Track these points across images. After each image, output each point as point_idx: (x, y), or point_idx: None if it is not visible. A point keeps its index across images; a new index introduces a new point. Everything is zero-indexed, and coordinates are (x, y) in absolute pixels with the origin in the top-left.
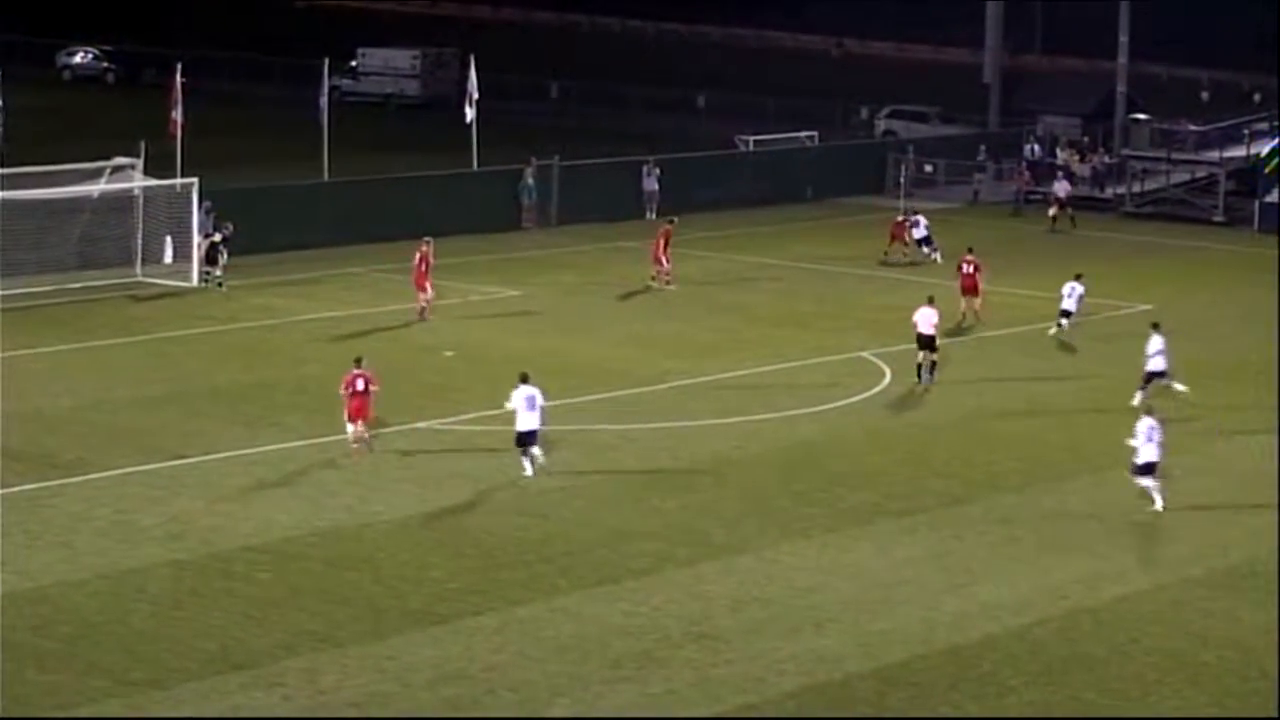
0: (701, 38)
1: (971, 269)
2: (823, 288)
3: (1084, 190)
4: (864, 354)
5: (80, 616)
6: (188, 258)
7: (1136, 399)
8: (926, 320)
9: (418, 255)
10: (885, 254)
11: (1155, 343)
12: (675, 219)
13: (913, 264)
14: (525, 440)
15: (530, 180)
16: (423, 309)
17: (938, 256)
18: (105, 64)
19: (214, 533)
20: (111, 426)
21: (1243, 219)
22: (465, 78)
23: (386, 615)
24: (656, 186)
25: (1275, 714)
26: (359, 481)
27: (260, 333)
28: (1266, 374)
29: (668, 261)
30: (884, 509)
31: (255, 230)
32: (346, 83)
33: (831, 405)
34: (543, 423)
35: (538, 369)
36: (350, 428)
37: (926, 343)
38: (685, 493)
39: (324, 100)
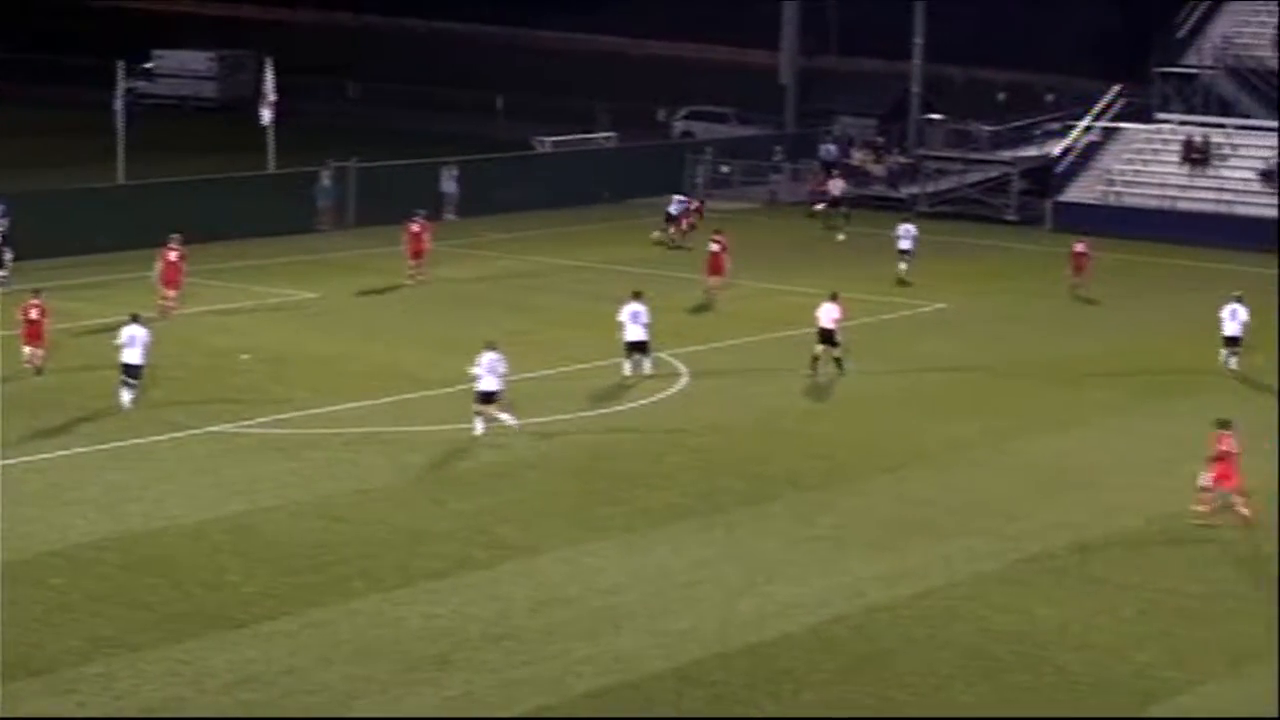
0: (500, 39)
1: (718, 249)
2: (620, 289)
3: (879, 190)
4: (660, 354)
5: None
6: None
7: (627, 368)
8: (827, 315)
9: (174, 254)
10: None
11: (627, 312)
12: (424, 211)
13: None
14: (128, 372)
15: (326, 182)
16: (169, 307)
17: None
18: None
19: (8, 539)
20: None
21: (1035, 218)
22: (262, 79)
23: (182, 620)
24: (455, 188)
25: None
26: (157, 485)
27: (51, 337)
28: (1058, 373)
29: (424, 257)
30: (682, 509)
31: (47, 234)
32: (142, 85)
33: (628, 406)
34: (145, 359)
35: (335, 371)
36: (25, 350)
37: (826, 337)
38: (482, 494)
39: (119, 102)
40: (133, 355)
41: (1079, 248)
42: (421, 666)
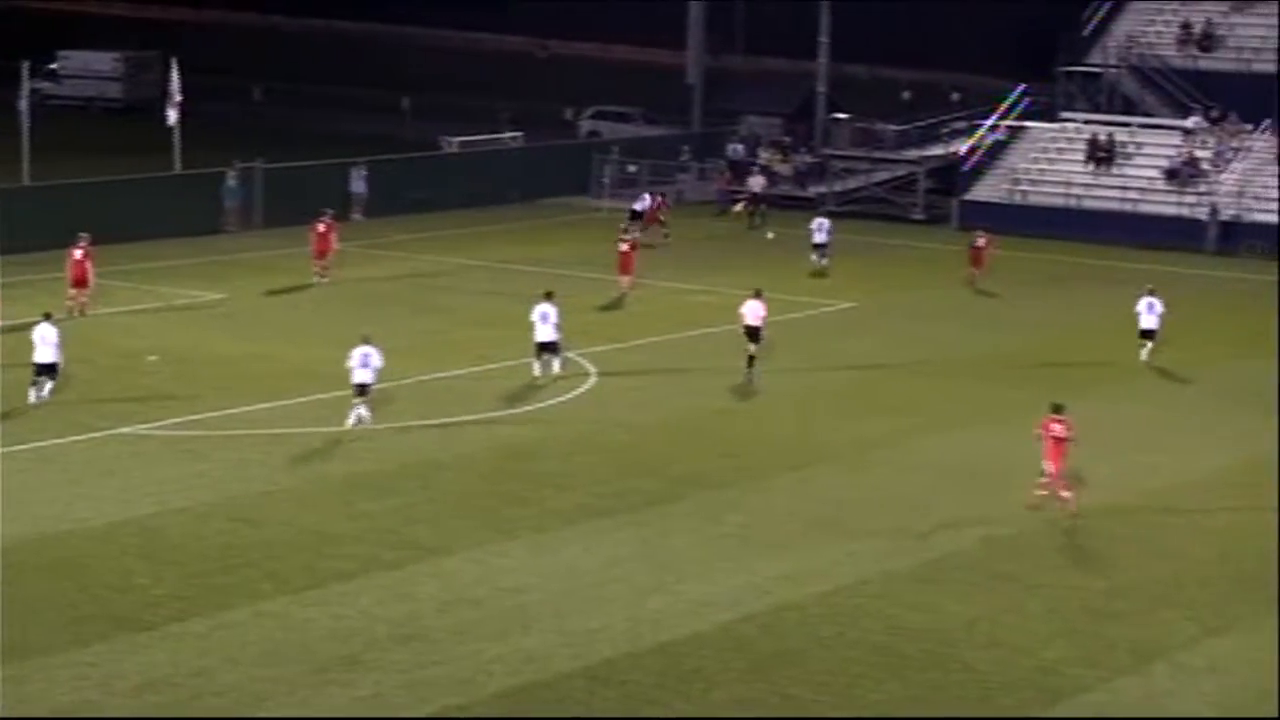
0: (406, 40)
1: (627, 248)
2: (528, 288)
3: (786, 189)
4: (569, 355)
5: None
6: None
7: (537, 368)
8: (753, 313)
9: (80, 252)
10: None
11: (538, 312)
12: (331, 211)
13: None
14: (43, 371)
15: (232, 183)
16: (81, 306)
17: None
18: None
19: None
20: None
21: (941, 217)
22: (168, 80)
23: (91, 622)
24: (365, 188)
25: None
26: (65, 488)
27: None
28: (967, 370)
29: (330, 256)
30: (591, 509)
31: None
32: (46, 86)
33: (538, 405)
34: (58, 357)
35: (242, 372)
36: None
37: (752, 334)
38: (391, 495)
39: (23, 103)
40: (44, 354)
41: (979, 242)
42: (331, 667)
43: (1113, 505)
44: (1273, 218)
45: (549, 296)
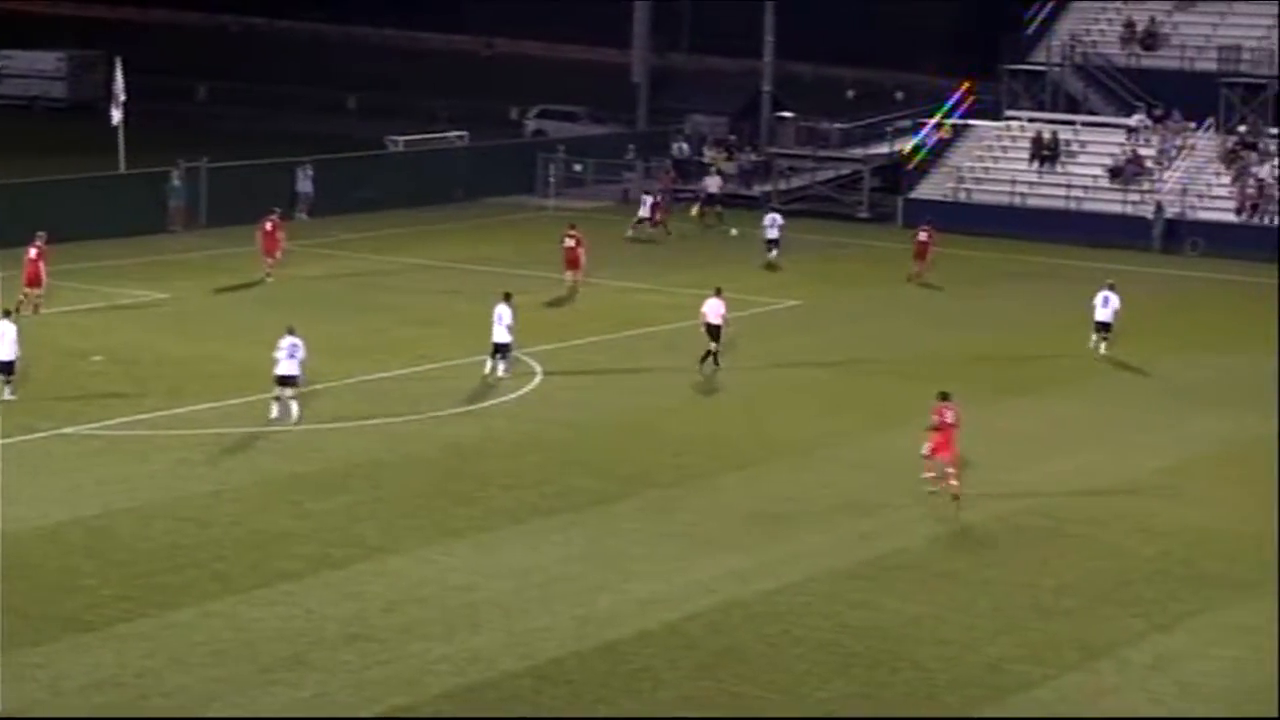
0: (352, 39)
1: (573, 243)
2: (474, 287)
3: (732, 188)
4: (514, 353)
5: None
6: None
7: (488, 367)
8: (714, 311)
9: (34, 251)
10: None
11: (496, 313)
12: (279, 210)
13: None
14: (4, 369)
15: (177, 182)
16: (36, 304)
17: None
18: None
19: None
20: None
21: (887, 215)
22: (112, 80)
23: (37, 623)
24: (311, 188)
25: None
26: (10, 488)
27: None
28: (912, 368)
29: (278, 254)
30: (538, 508)
31: None
32: None
33: (484, 404)
34: (14, 355)
35: (188, 372)
36: None
37: (713, 332)
38: (338, 494)
39: None
40: (3, 351)
41: (922, 236)
42: (277, 667)
43: (1059, 502)
44: (1217, 215)
45: (507, 298)
